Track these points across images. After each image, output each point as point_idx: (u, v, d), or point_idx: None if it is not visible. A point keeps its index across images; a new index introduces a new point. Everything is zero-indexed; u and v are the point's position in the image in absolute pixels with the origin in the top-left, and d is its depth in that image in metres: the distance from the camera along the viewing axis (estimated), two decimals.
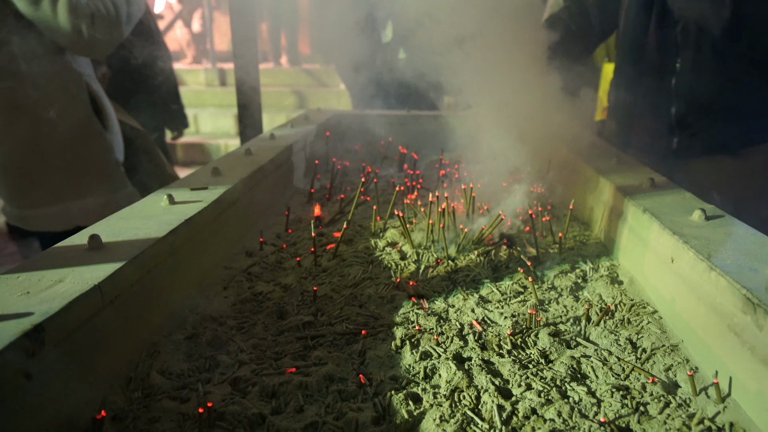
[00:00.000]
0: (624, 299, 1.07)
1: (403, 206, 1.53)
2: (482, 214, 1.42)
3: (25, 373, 0.64)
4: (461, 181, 1.64)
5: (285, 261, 1.26)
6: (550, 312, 1.04)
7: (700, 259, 0.88)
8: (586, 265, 1.22)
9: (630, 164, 1.49)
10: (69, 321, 0.71)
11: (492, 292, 1.11)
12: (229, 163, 1.50)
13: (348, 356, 0.89)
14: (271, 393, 0.80)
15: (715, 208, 1.10)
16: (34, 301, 0.70)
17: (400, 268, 1.20)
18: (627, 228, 1.22)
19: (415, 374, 0.85)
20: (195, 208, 1.12)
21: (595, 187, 1.45)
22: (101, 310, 0.78)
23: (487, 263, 1.22)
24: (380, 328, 0.98)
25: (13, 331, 0.63)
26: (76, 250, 0.88)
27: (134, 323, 0.87)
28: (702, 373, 0.85)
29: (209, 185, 1.27)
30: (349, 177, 1.93)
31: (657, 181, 1.30)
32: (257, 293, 1.10)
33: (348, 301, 1.07)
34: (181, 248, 1.03)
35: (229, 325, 0.99)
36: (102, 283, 0.77)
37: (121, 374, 0.81)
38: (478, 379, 0.82)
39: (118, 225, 1.00)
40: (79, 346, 0.73)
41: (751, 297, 0.74)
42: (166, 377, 0.83)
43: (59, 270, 0.80)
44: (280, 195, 1.72)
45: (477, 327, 0.98)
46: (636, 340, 0.94)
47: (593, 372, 0.85)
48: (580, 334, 0.96)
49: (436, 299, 1.08)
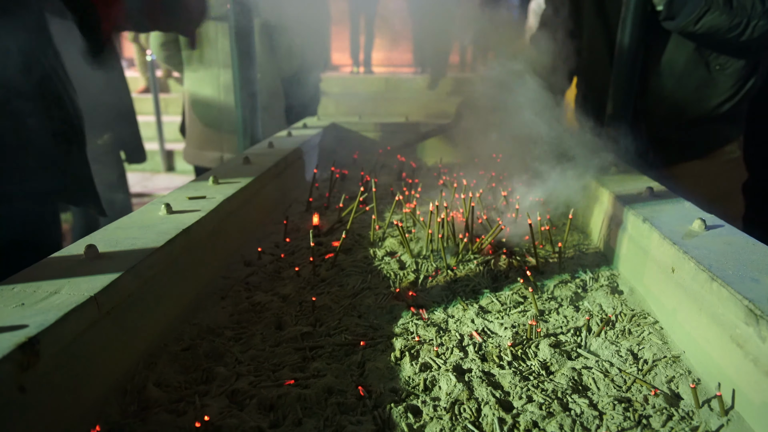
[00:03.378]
0: (625, 309, 1.07)
1: (402, 215, 1.53)
2: (481, 224, 1.42)
3: (19, 386, 0.63)
4: (460, 190, 1.63)
5: (283, 270, 1.25)
6: (550, 322, 1.03)
7: (701, 269, 0.87)
8: (586, 275, 1.22)
9: (628, 173, 1.49)
10: (64, 333, 0.70)
11: (492, 303, 1.10)
12: (227, 171, 1.50)
13: (347, 368, 0.88)
14: (269, 406, 0.79)
15: (715, 217, 1.10)
16: (29, 313, 0.69)
17: (399, 277, 1.20)
18: (627, 237, 1.21)
19: (414, 386, 0.84)
20: (193, 217, 1.11)
21: (594, 196, 1.45)
22: (97, 322, 0.77)
23: (486, 273, 1.21)
24: (379, 339, 0.97)
25: (8, 343, 0.62)
26: (73, 260, 0.87)
27: (131, 334, 0.86)
28: (705, 385, 0.84)
29: (207, 194, 1.27)
30: (348, 185, 1.93)
31: (656, 190, 1.30)
32: (255, 303, 1.09)
33: (347, 311, 1.06)
34: (178, 258, 1.02)
35: (227, 336, 0.98)
36: (98, 294, 0.76)
37: (117, 387, 0.80)
38: (478, 391, 0.82)
39: (116, 235, 1.00)
40: (74, 359, 0.72)
41: (754, 308, 0.73)
42: (162, 390, 0.82)
43: (55, 281, 0.79)
44: (279, 204, 1.71)
45: (477, 338, 0.97)
46: (637, 351, 0.93)
47: (595, 384, 0.84)
48: (580, 345, 0.96)
49: (435, 309, 1.08)
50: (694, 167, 1.93)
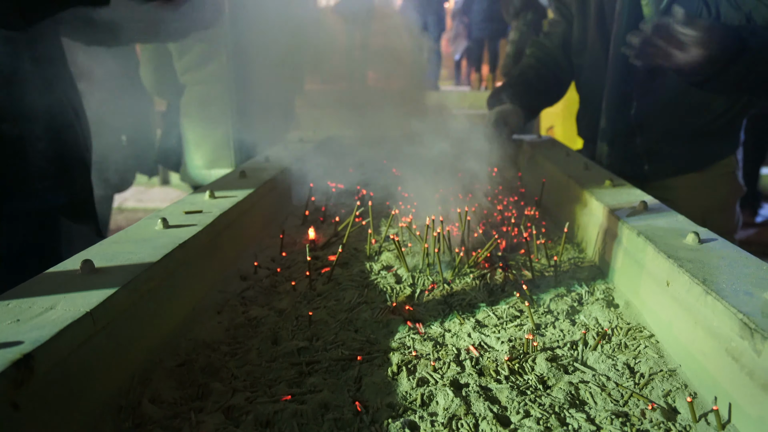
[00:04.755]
0: (620, 323, 1.07)
1: (398, 229, 1.53)
2: (476, 237, 1.43)
3: (13, 403, 0.62)
4: (456, 204, 1.64)
5: (280, 285, 1.25)
6: (546, 336, 1.03)
7: (695, 282, 0.88)
8: (582, 288, 1.22)
9: (623, 186, 1.50)
10: (59, 349, 0.69)
11: (488, 316, 1.10)
12: (223, 185, 1.50)
13: (344, 383, 0.88)
14: (265, 422, 0.78)
15: (708, 231, 1.11)
16: (24, 329, 0.69)
17: (395, 291, 1.20)
18: (622, 251, 1.22)
19: (412, 401, 0.83)
20: (190, 231, 1.11)
21: (588, 209, 1.46)
22: (92, 337, 0.76)
23: (482, 287, 1.21)
24: (376, 353, 0.96)
25: (2, 360, 0.61)
26: (69, 275, 0.87)
27: (126, 350, 0.86)
28: (701, 399, 0.84)
29: (204, 208, 1.27)
30: (344, 199, 1.93)
31: (650, 203, 1.31)
32: (251, 318, 1.09)
33: (343, 325, 1.06)
34: (175, 272, 1.02)
35: (223, 351, 0.97)
36: (94, 309, 0.76)
37: (112, 403, 0.79)
38: (476, 406, 0.81)
39: (112, 249, 0.99)
40: (68, 375, 0.71)
41: (748, 322, 0.74)
42: (157, 406, 0.81)
43: (51, 296, 0.78)
44: (275, 217, 1.71)
45: (474, 352, 0.97)
46: (634, 364, 0.93)
47: (592, 398, 0.84)
48: (577, 359, 0.96)
49: (432, 324, 1.07)
50: (689, 181, 1.95)
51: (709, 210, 1.90)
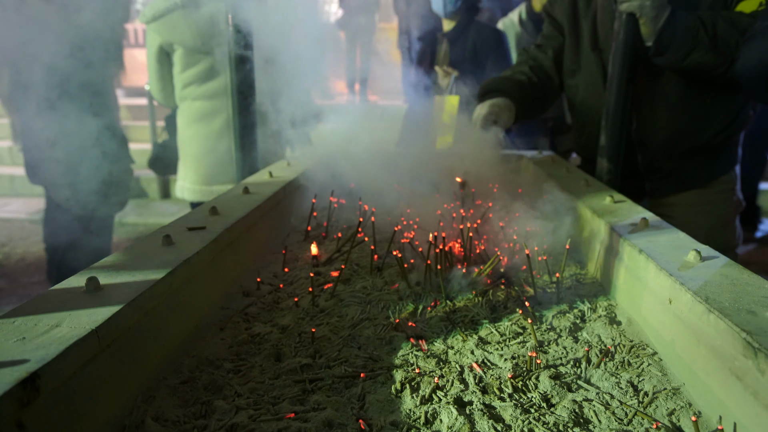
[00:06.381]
0: (623, 340, 1.07)
1: (401, 245, 1.53)
2: (479, 253, 1.43)
3: (18, 422, 0.62)
4: (458, 220, 1.65)
5: (282, 301, 1.25)
6: (549, 353, 1.03)
7: (698, 301, 0.88)
8: (584, 305, 1.23)
9: (623, 203, 1.51)
10: (65, 368, 0.69)
11: (491, 333, 1.10)
12: (227, 202, 1.51)
13: (347, 400, 0.88)
14: None
15: (710, 248, 1.11)
16: (30, 347, 0.69)
17: (398, 308, 1.20)
18: (623, 268, 1.23)
19: (415, 419, 0.83)
20: (193, 248, 1.12)
21: (590, 226, 1.46)
22: (97, 355, 0.77)
23: (485, 303, 1.22)
24: (379, 370, 0.96)
25: (8, 379, 0.62)
26: (74, 292, 0.87)
27: (130, 367, 0.86)
28: (706, 418, 0.84)
29: (207, 224, 1.27)
30: (346, 214, 1.94)
31: (651, 220, 1.31)
32: (254, 335, 1.09)
33: (346, 342, 1.06)
34: (178, 289, 1.02)
35: (226, 368, 0.97)
36: (99, 327, 0.76)
37: (116, 422, 0.79)
38: (479, 424, 0.81)
39: (116, 266, 1.00)
40: (73, 393, 0.71)
41: (752, 341, 0.74)
42: (161, 424, 0.81)
43: (56, 314, 0.79)
44: (277, 233, 1.72)
45: (477, 369, 0.97)
46: (637, 382, 0.93)
47: (596, 416, 0.84)
48: (581, 377, 0.96)
49: (435, 340, 1.07)
50: (689, 197, 1.96)
51: (711, 227, 1.91)
